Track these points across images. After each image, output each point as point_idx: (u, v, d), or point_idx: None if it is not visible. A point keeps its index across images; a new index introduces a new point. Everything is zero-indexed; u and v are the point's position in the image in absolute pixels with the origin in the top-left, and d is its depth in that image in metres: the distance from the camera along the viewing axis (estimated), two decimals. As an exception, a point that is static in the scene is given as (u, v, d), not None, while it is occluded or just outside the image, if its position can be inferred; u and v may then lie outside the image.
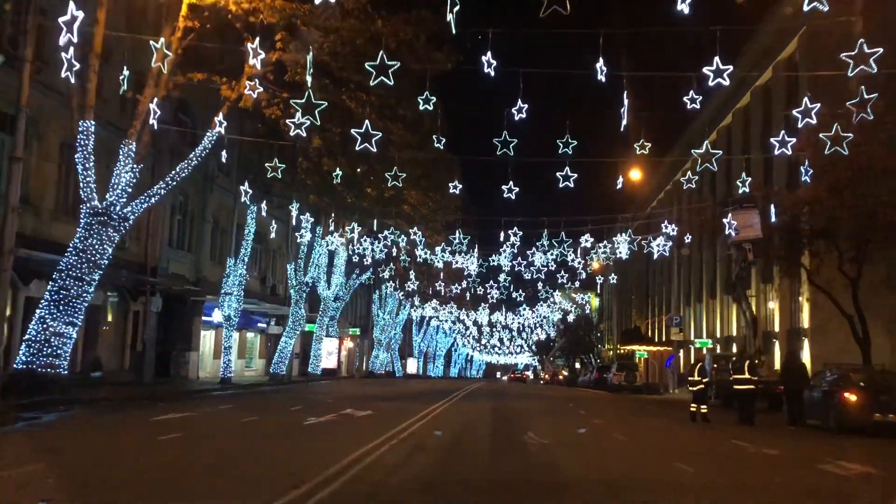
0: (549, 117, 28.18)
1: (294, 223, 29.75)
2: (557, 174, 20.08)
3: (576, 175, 19.98)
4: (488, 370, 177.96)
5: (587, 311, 63.55)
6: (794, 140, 16.62)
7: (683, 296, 51.02)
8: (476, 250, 32.47)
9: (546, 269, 36.69)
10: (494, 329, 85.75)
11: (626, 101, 15.04)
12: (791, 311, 30.96)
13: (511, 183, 20.75)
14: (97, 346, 26.98)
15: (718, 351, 38.12)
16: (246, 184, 23.73)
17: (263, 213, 27.73)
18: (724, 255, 31.42)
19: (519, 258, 37.65)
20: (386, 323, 64.21)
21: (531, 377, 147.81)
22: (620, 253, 32.96)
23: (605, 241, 31.57)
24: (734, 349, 35.17)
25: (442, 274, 45.27)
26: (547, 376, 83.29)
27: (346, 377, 53.46)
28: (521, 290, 48.61)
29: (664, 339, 68.04)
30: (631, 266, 60.01)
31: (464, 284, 46.56)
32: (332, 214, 32.59)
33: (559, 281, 42.04)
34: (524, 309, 57.48)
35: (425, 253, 33.56)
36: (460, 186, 21.08)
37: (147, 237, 29.50)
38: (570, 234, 27.77)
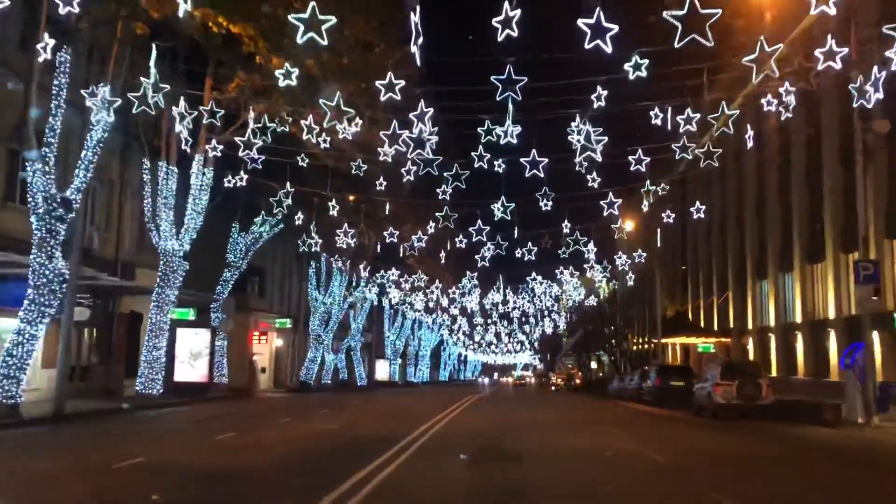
0: None
1: None
2: None
3: None
4: (485, 371, 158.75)
5: (617, 286, 42.74)
6: None
7: (841, 232, 30.34)
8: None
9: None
10: (489, 319, 65.31)
11: None
12: None
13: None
14: None
15: None
16: None
17: None
18: None
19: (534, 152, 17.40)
20: (329, 310, 43.70)
21: (531, 379, 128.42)
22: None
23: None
24: None
25: (388, 209, 24.81)
26: (559, 380, 62.88)
27: (238, 395, 32.81)
28: (529, 244, 28.19)
29: (715, 327, 48.57)
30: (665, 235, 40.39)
31: (430, 230, 26.07)
32: None
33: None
34: (532, 280, 36.52)
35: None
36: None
37: None
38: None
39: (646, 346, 63.04)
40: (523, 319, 70.40)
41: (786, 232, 36.70)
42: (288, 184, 21.49)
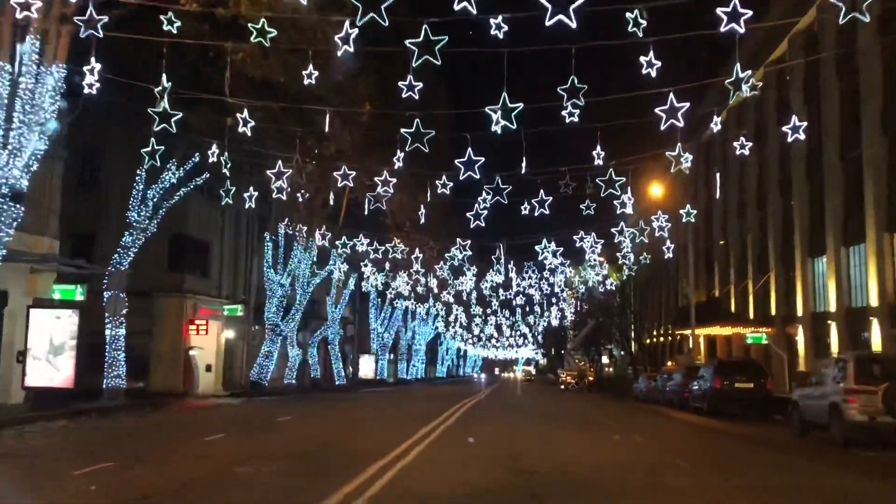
0: None
1: None
2: None
3: None
4: (486, 366, 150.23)
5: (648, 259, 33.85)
6: None
7: None
8: None
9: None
10: (488, 308, 56.76)
11: None
12: None
13: None
14: None
15: None
16: None
17: None
18: None
19: None
20: (287, 293, 35.17)
21: (532, 373, 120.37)
22: None
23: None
24: None
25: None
26: (569, 377, 54.34)
27: (149, 401, 24.26)
28: (542, 192, 19.61)
29: (751, 315, 40.33)
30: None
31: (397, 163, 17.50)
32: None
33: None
34: (544, 249, 27.13)
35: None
36: None
37: None
38: None
39: (661, 338, 54.67)
40: (527, 308, 61.95)
41: (852, 195, 29.10)
42: (164, 76, 13.07)
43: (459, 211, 24.20)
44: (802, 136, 15.05)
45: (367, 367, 56.79)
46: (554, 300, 53.69)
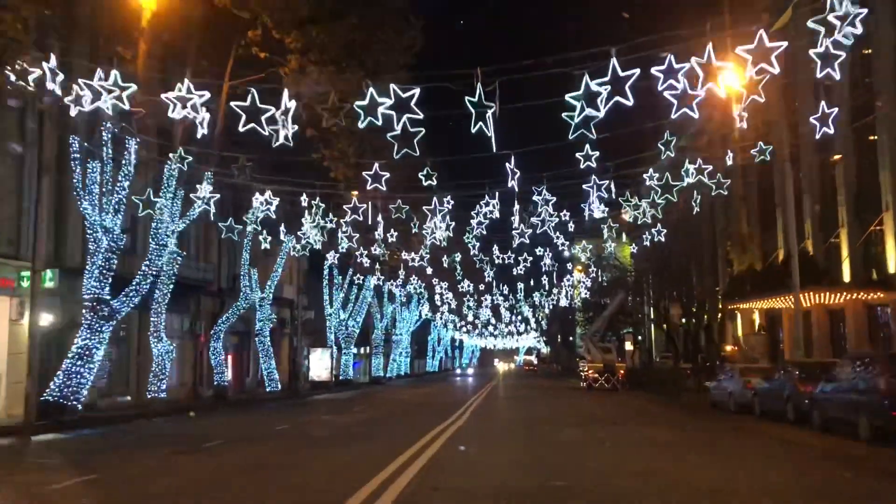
0: None
1: None
2: None
3: None
4: (483, 358, 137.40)
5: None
6: None
7: None
8: None
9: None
10: (483, 279, 42.02)
11: None
12: None
13: None
14: None
15: None
16: None
17: None
18: None
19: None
20: (121, 243, 20.06)
21: (534, 363, 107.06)
22: None
23: None
24: None
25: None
26: (594, 372, 39.45)
27: None
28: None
29: (845, 277, 27.92)
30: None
31: None
32: None
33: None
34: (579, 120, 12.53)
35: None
36: None
37: None
38: None
39: (694, 318, 39.51)
40: (531, 282, 47.50)
41: None
42: None
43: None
44: None
45: (319, 365, 41.94)
46: (569, 266, 38.96)
